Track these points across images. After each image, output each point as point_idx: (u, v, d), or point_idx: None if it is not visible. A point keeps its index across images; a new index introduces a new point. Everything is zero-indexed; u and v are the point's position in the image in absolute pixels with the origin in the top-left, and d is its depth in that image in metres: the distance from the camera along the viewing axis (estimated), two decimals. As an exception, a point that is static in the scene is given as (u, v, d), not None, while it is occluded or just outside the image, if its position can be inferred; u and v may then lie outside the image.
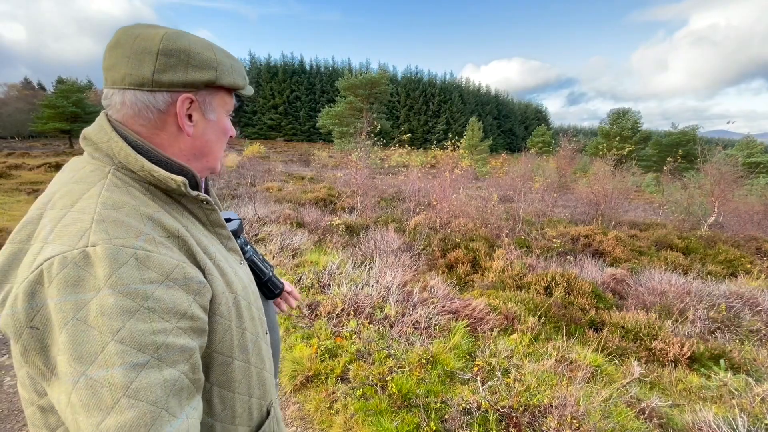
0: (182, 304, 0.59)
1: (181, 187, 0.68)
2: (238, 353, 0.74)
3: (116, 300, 0.53)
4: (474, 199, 9.96)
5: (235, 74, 0.76)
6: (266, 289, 1.01)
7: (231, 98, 0.80)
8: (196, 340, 0.62)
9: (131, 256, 0.56)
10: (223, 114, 0.78)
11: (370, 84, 36.39)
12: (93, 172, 0.66)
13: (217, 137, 0.79)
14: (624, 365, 3.16)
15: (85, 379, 0.50)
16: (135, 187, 0.66)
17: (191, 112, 0.72)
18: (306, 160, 29.53)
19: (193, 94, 0.70)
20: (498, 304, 3.90)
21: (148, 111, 0.68)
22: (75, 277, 0.53)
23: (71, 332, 0.51)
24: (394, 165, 13.40)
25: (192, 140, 0.74)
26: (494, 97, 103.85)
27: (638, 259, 6.95)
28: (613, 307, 4.49)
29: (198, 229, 0.74)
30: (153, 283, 0.56)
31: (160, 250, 0.60)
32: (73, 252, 0.54)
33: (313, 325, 3.61)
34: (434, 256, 5.99)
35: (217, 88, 0.74)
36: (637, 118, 39.67)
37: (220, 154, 0.82)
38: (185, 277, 0.61)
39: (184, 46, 0.68)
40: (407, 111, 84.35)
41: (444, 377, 2.84)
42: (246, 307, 0.78)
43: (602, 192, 10.02)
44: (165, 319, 0.56)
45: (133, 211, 0.62)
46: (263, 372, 0.83)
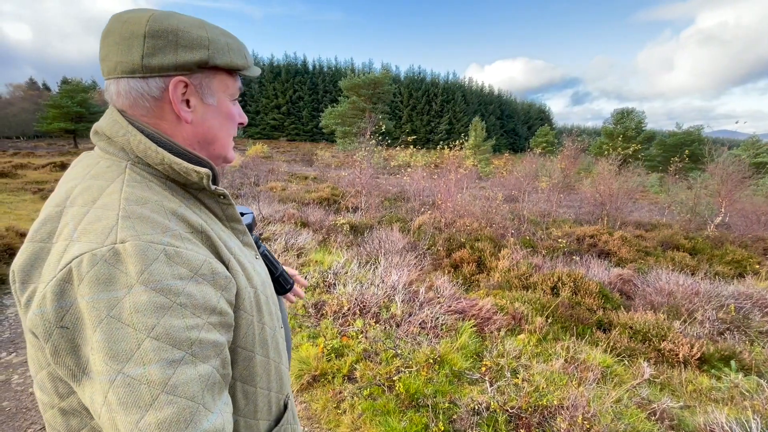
0: (212, 300, 0.59)
1: (203, 180, 0.67)
2: (259, 348, 0.73)
3: (149, 297, 0.52)
4: (478, 199, 9.93)
5: (232, 53, 0.70)
6: (277, 284, 1.00)
7: (234, 80, 0.74)
8: (225, 335, 0.62)
9: (161, 252, 0.55)
10: (225, 98, 0.73)
11: (373, 84, 36.40)
12: (110, 167, 0.64)
13: (221, 123, 0.74)
14: (633, 366, 3.13)
15: (122, 377, 0.50)
16: (154, 182, 0.65)
17: (189, 97, 0.68)
18: (309, 159, 29.56)
19: (186, 77, 0.66)
20: (505, 304, 3.88)
21: (144, 99, 0.66)
22: (106, 275, 0.52)
23: (106, 330, 0.50)
24: (398, 164, 13.38)
25: (193, 128, 0.70)
26: (497, 97, 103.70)
27: (644, 259, 6.90)
28: (621, 307, 4.45)
29: (216, 224, 0.72)
30: (183, 279, 0.56)
31: (186, 245, 0.59)
32: (102, 249, 0.53)
33: (319, 324, 3.60)
34: (439, 256, 5.97)
35: (214, 69, 0.69)
36: (641, 118, 39.49)
37: (229, 142, 0.78)
38: (213, 272, 0.60)
39: (172, 25, 0.64)
40: (410, 111, 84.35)
41: (452, 377, 2.82)
42: (265, 302, 0.76)
43: (608, 192, 9.97)
44: (196, 315, 0.56)
45: (158, 207, 0.60)
46: (280, 366, 0.83)
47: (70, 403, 0.59)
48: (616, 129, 38.52)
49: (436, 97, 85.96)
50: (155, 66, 0.63)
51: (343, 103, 36.56)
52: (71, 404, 0.59)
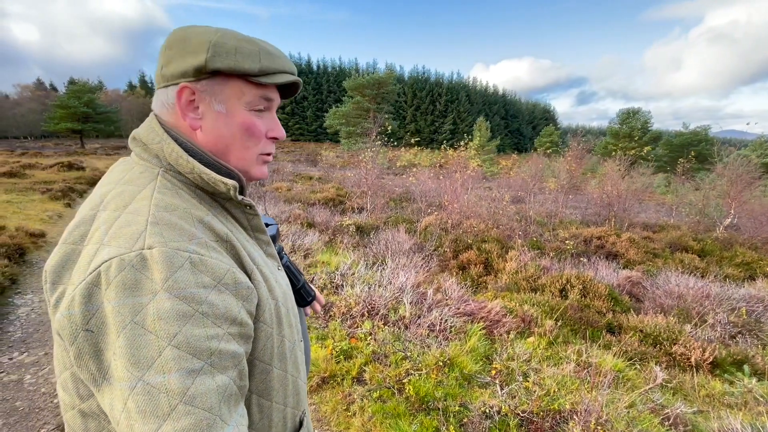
0: (233, 310, 0.58)
1: (230, 191, 0.67)
2: (277, 361, 0.73)
3: (173, 304, 0.52)
4: (484, 200, 9.90)
5: (240, 57, 0.65)
6: (299, 296, 0.99)
7: (253, 88, 0.69)
8: (244, 346, 0.61)
9: (186, 260, 0.55)
10: (239, 106, 0.68)
11: (377, 84, 36.40)
12: (143, 173, 0.65)
13: (233, 133, 0.69)
14: (645, 370, 3.11)
15: (143, 384, 0.50)
16: (183, 190, 0.65)
17: (198, 104, 0.67)
18: (313, 160, 29.60)
19: (192, 83, 0.65)
20: (514, 306, 3.86)
21: (166, 108, 0.68)
22: (133, 280, 0.52)
23: (129, 336, 0.50)
24: (404, 165, 13.36)
25: (203, 135, 0.69)
26: (501, 97, 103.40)
27: (653, 261, 6.84)
28: (630, 310, 4.42)
29: (241, 233, 0.73)
30: (206, 287, 0.56)
31: (211, 254, 0.59)
32: (130, 254, 0.53)
33: (328, 325, 3.60)
34: (446, 257, 5.95)
35: (226, 76, 0.66)
36: (648, 117, 39.19)
37: (247, 155, 0.72)
38: (236, 282, 0.60)
39: (184, 34, 0.65)
40: (414, 111, 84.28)
41: (462, 380, 2.81)
42: (285, 314, 0.76)
43: (615, 193, 9.90)
44: (217, 325, 0.55)
45: (185, 214, 0.61)
46: (298, 380, 0.82)
47: (90, 405, 0.60)
48: (622, 129, 38.27)
49: (440, 97, 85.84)
50: (168, 75, 0.66)
51: (347, 103, 36.58)
52: (91, 407, 0.60)
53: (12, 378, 2.92)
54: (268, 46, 0.71)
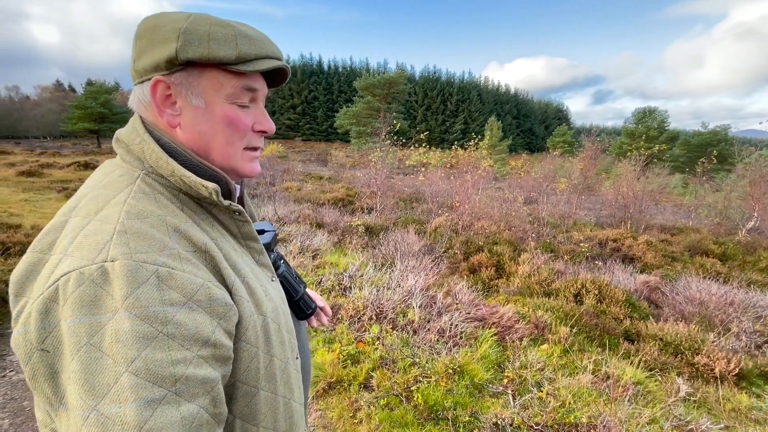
0: (205, 330, 0.52)
1: (212, 195, 0.61)
2: (265, 383, 0.66)
3: (132, 324, 0.46)
4: (496, 201, 9.74)
5: (214, 43, 0.58)
6: (297, 308, 0.91)
7: (233, 78, 0.62)
8: (219, 369, 0.55)
9: (152, 274, 0.49)
10: (218, 98, 0.62)
11: (388, 84, 36.34)
12: (122, 176, 0.60)
13: (214, 128, 0.63)
14: (666, 382, 2.96)
15: (96, 415, 0.44)
16: (164, 194, 0.59)
17: (176, 99, 0.61)
18: (324, 159, 29.70)
19: (165, 76, 0.59)
20: (527, 311, 3.74)
21: (143, 106, 0.63)
22: (91, 297, 0.46)
23: (84, 360, 0.45)
24: (413, 165, 13.26)
25: (183, 133, 0.63)
26: (513, 97, 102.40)
27: (671, 265, 6.62)
28: (649, 317, 4.25)
29: (228, 242, 0.66)
30: (175, 305, 0.50)
31: (184, 267, 0.53)
32: (90, 267, 0.47)
33: (335, 329, 3.53)
34: (456, 260, 5.84)
35: (202, 66, 0.59)
36: (664, 117, 38.33)
37: (231, 152, 0.66)
38: (210, 298, 0.54)
39: (152, 23, 0.59)
40: (425, 111, 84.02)
41: (472, 389, 2.71)
42: (275, 331, 0.69)
43: (631, 194, 9.63)
44: (185, 347, 0.49)
45: (159, 222, 0.55)
46: (291, 402, 0.74)
47: None
48: (638, 129, 37.46)
49: (451, 97, 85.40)
50: (141, 69, 0.60)
51: (358, 103, 36.61)
52: None
53: (20, 377, 2.92)
54: (247, 29, 0.63)
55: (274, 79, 0.72)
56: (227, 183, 0.66)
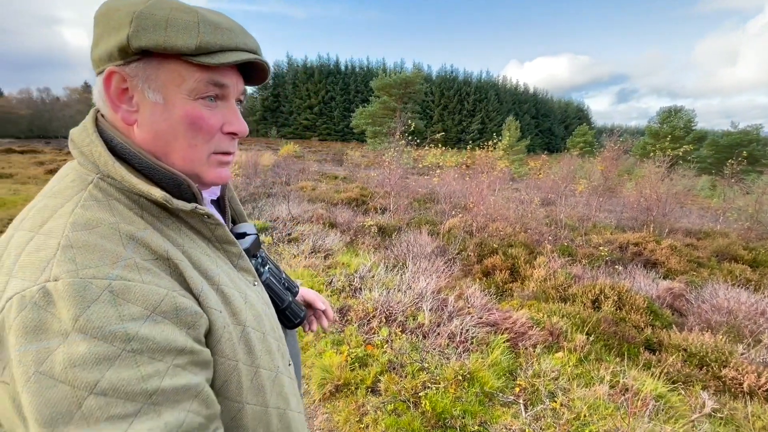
0: (177, 340, 0.48)
1: (164, 202, 0.55)
2: (251, 396, 0.60)
3: (89, 346, 0.42)
4: (512, 202, 9.54)
5: (171, 30, 0.51)
6: (284, 317, 0.86)
7: (198, 71, 0.55)
8: (202, 372, 0.51)
9: (104, 290, 0.44)
10: (179, 94, 0.55)
11: (404, 83, 36.21)
12: (74, 182, 0.54)
13: (173, 128, 0.56)
14: (690, 396, 2.80)
15: None
16: (120, 200, 0.54)
17: (132, 93, 0.55)
18: (339, 159, 29.82)
19: (119, 66, 0.53)
20: (541, 317, 3.61)
21: (101, 100, 0.57)
22: (35, 321, 0.42)
23: (34, 391, 0.40)
24: (428, 165, 13.13)
25: (140, 131, 0.57)
26: (532, 96, 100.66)
27: (697, 271, 6.32)
28: (672, 326, 4.05)
29: (199, 246, 0.61)
30: (136, 319, 0.45)
31: (143, 277, 0.48)
32: (32, 290, 0.43)
33: (344, 330, 3.50)
34: (470, 262, 5.73)
35: (161, 56, 0.53)
36: (691, 116, 36.93)
37: (194, 155, 0.59)
38: (176, 308, 0.49)
39: (109, 6, 0.53)
40: (441, 110, 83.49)
41: (482, 397, 2.62)
42: (259, 340, 0.63)
43: (654, 196, 9.27)
44: (157, 359, 0.45)
45: (110, 231, 0.49)
46: (287, 412, 0.68)
47: None
48: (662, 128, 36.21)
49: (469, 96, 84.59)
50: (96, 59, 0.54)
51: (374, 103, 36.62)
52: None
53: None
54: (216, 16, 0.56)
55: (253, 76, 0.64)
56: (189, 186, 0.60)
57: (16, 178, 14.36)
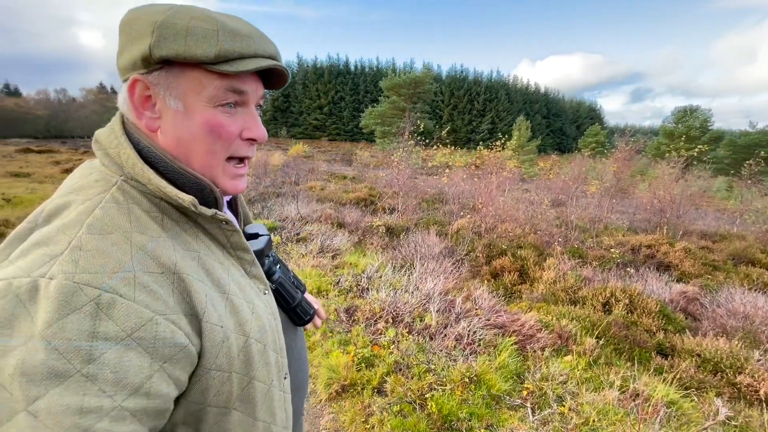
0: (138, 375, 0.45)
1: (191, 207, 0.55)
2: (239, 403, 0.60)
3: (46, 357, 0.40)
4: (521, 203, 9.45)
5: (191, 39, 0.52)
6: (294, 315, 0.87)
7: (217, 78, 0.55)
8: (147, 423, 0.47)
9: (91, 301, 0.43)
10: (198, 102, 0.56)
11: (414, 83, 36.14)
12: (98, 182, 0.55)
13: (194, 135, 0.57)
14: (703, 402, 2.74)
15: None
16: (140, 205, 0.54)
17: (155, 101, 0.56)
18: (348, 159, 29.90)
19: (143, 75, 0.54)
20: (550, 320, 3.57)
21: (126, 106, 0.58)
22: (9, 313, 0.41)
23: None
24: (436, 165, 13.08)
25: (163, 138, 0.58)
26: (543, 95, 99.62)
27: (712, 274, 6.18)
28: (686, 330, 3.97)
29: (213, 254, 0.61)
30: (108, 340, 0.43)
31: (136, 294, 0.47)
32: (22, 280, 0.42)
33: (351, 330, 3.50)
34: (478, 263, 5.69)
35: (181, 65, 0.54)
36: (707, 116, 36.12)
37: (213, 162, 0.60)
38: (154, 337, 0.47)
39: (132, 16, 0.55)
40: (451, 110, 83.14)
41: (489, 400, 2.60)
42: (259, 352, 0.63)
43: (668, 197, 9.10)
44: (106, 394, 0.42)
45: (122, 239, 0.49)
46: (272, 427, 0.68)
47: None
48: (677, 128, 35.50)
49: (479, 96, 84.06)
50: (121, 66, 0.56)
51: (383, 103, 36.63)
52: None
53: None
54: (234, 22, 0.57)
55: (272, 80, 0.64)
56: (212, 191, 0.61)
57: (33, 177, 14.74)
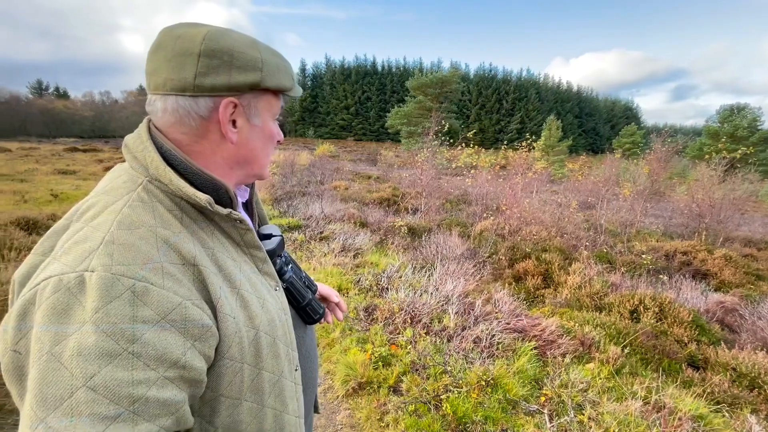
0: (174, 352, 0.52)
1: (207, 206, 0.62)
2: (249, 394, 0.66)
3: (97, 340, 0.46)
4: (548, 205, 9.20)
5: (281, 75, 0.69)
6: (304, 314, 0.91)
7: (278, 101, 0.73)
8: (186, 390, 0.55)
9: (128, 289, 0.49)
10: (269, 118, 0.72)
11: (441, 83, 35.89)
12: (126, 183, 0.61)
13: (263, 143, 0.73)
14: (736, 419, 2.59)
15: (44, 427, 0.44)
16: (163, 203, 0.61)
17: (235, 118, 0.66)
18: (373, 159, 30.05)
19: (237, 98, 0.65)
20: (573, 326, 3.47)
21: (190, 118, 0.63)
22: (64, 305, 0.47)
23: (42, 369, 0.46)
24: (461, 165, 12.93)
25: (236, 148, 0.69)
26: (576, 94, 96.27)
27: (755, 284, 5.80)
28: (721, 342, 3.75)
29: (227, 250, 0.67)
30: (146, 323, 0.50)
31: (165, 282, 0.53)
32: (69, 275, 0.49)
33: (369, 329, 3.55)
34: (501, 266, 5.60)
35: (262, 90, 0.68)
36: (757, 115, 33.80)
37: (267, 161, 0.76)
38: (185, 319, 0.53)
39: (227, 45, 0.62)
40: (478, 110, 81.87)
41: (505, 404, 2.57)
42: (269, 344, 0.68)
43: (707, 201, 8.60)
44: (150, 367, 0.49)
45: (149, 233, 0.56)
46: (283, 415, 0.73)
47: None
48: (722, 128, 33.42)
49: (508, 95, 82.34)
50: (208, 86, 0.61)
51: (410, 103, 36.57)
52: None
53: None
54: (286, 60, 0.74)
55: None
56: (227, 191, 0.67)
57: (79, 175, 15.73)
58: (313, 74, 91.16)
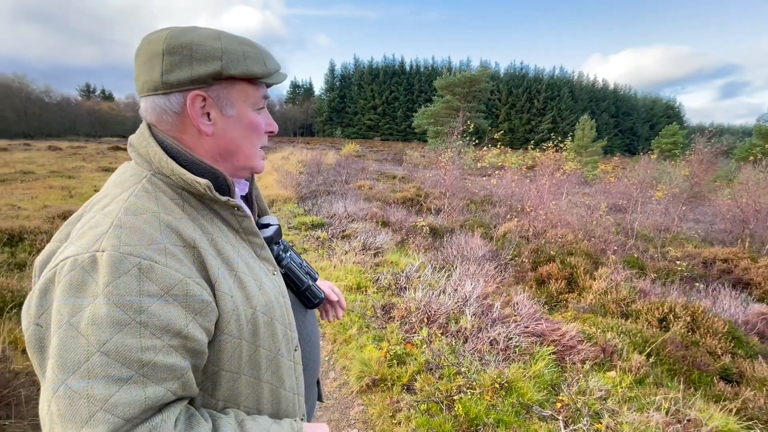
0: (177, 323, 0.57)
1: (207, 192, 0.67)
2: (247, 369, 0.71)
3: (108, 310, 0.52)
4: (577, 207, 8.89)
5: (249, 62, 0.69)
6: (304, 298, 0.96)
7: (256, 89, 0.73)
8: (189, 359, 0.60)
9: (134, 266, 0.55)
10: (246, 108, 0.72)
11: (469, 82, 35.36)
12: (132, 176, 0.68)
13: (243, 134, 0.73)
14: (770, 437, 2.43)
15: (65, 388, 0.50)
16: (165, 193, 0.66)
17: (209, 110, 0.68)
18: (399, 159, 30.01)
19: (203, 90, 0.67)
20: (594, 332, 3.36)
21: (167, 115, 0.68)
22: (79, 281, 0.54)
23: (62, 337, 0.52)
24: (487, 166, 12.71)
25: (214, 140, 0.71)
26: (612, 93, 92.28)
27: (804, 296, 5.38)
28: (759, 356, 3.52)
29: (226, 236, 0.72)
30: (151, 296, 0.55)
31: (168, 261, 0.59)
32: (83, 255, 0.55)
33: (386, 327, 3.58)
34: (523, 269, 5.49)
35: (231, 80, 0.69)
36: (815, 113, 31.08)
37: (254, 152, 0.77)
38: (186, 294, 0.59)
39: (187, 40, 0.65)
40: (508, 109, 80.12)
41: (519, 408, 2.54)
42: (266, 323, 0.73)
43: (753, 206, 8.04)
44: (156, 336, 0.55)
45: (153, 218, 0.61)
46: (280, 390, 0.78)
47: None
48: (776, 128, 31.02)
49: (539, 94, 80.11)
50: (173, 82, 0.65)
51: (437, 102, 36.27)
52: None
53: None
54: (263, 47, 0.73)
55: None
56: (225, 179, 0.73)
57: (121, 172, 16.61)
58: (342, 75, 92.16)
